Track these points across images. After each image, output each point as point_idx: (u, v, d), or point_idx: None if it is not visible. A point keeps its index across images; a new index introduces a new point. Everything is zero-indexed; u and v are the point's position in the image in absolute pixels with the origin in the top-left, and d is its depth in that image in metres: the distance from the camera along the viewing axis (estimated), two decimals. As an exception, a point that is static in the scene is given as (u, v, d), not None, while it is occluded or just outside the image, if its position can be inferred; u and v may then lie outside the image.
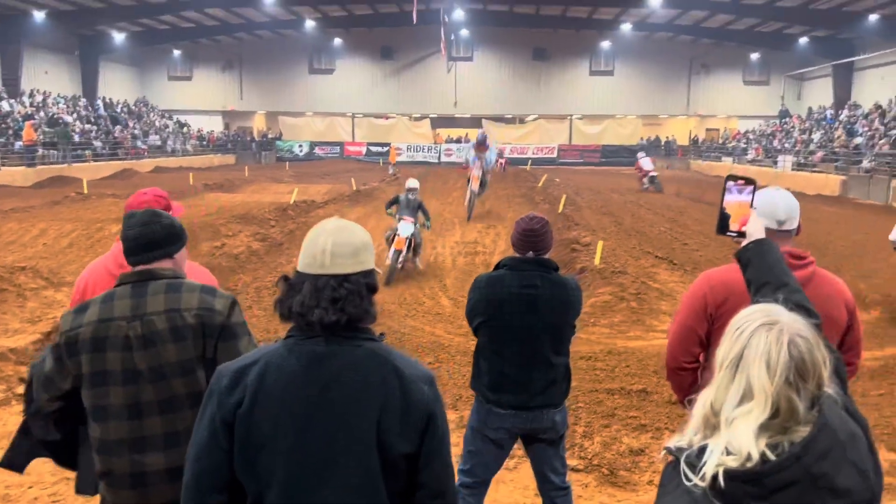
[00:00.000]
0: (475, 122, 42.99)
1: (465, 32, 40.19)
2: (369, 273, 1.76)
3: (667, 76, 42.24)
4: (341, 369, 1.68)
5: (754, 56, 40.62)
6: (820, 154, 29.13)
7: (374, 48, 42.29)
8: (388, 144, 39.79)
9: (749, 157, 34.86)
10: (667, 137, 43.69)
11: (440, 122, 44.28)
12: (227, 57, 43.04)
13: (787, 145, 33.13)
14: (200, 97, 43.55)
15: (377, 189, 22.48)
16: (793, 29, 34.76)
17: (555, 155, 42.01)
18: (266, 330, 7.46)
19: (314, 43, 41.69)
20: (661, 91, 42.56)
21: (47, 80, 33.71)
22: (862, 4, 28.19)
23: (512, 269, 3.26)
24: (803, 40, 35.50)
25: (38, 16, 29.32)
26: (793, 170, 29.11)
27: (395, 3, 33.32)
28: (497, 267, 3.34)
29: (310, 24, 36.98)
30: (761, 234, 2.06)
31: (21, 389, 4.77)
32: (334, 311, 1.67)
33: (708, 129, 44.33)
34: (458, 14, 35.30)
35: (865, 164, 25.04)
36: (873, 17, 28.64)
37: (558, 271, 3.31)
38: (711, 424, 1.38)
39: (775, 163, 31.38)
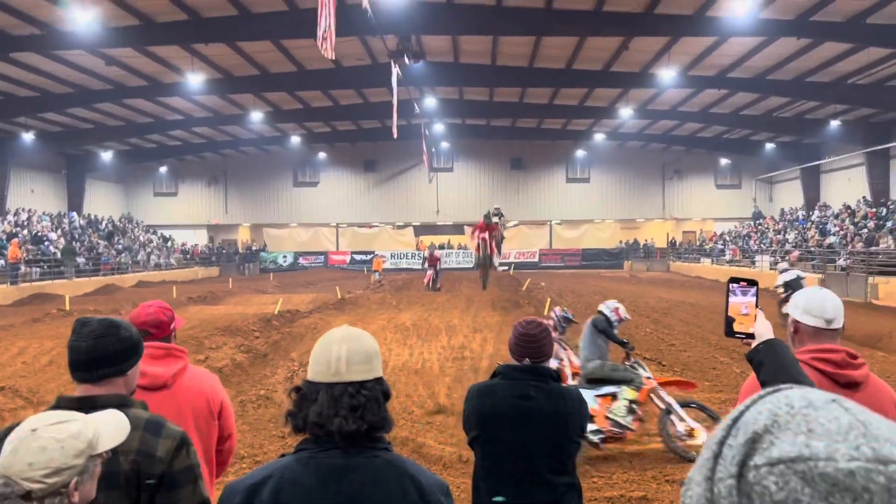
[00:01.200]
0: (457, 228, 43.79)
1: (445, 145, 41.73)
2: (381, 380, 1.74)
3: (641, 182, 43.67)
4: (362, 483, 1.63)
5: (725, 161, 42.24)
6: (796, 253, 29.73)
7: (358, 161, 43.57)
8: (372, 252, 40.36)
9: (727, 257, 35.51)
10: (645, 240, 44.59)
11: (423, 229, 45.06)
12: (212, 172, 44.00)
13: (762, 245, 33.89)
14: (185, 212, 44.15)
15: (362, 297, 22.46)
16: (759, 135, 36.38)
17: (536, 259, 42.67)
18: (251, 445, 7.23)
19: (299, 157, 42.90)
20: (636, 196, 43.85)
21: (33, 198, 34.11)
22: (822, 112, 29.71)
23: (505, 378, 3.02)
24: (770, 146, 37.13)
25: (27, 137, 29.99)
26: (770, 269, 29.60)
27: (378, 118, 34.61)
28: (493, 375, 3.12)
29: (294, 139, 38.19)
30: (770, 335, 2.07)
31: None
32: (354, 419, 1.63)
33: (685, 232, 45.38)
34: (439, 128, 36.74)
35: (841, 262, 25.59)
36: (834, 124, 30.10)
37: (558, 381, 3.06)
38: None
39: (753, 263, 31.96)
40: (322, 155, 43.36)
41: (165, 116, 31.82)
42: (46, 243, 29.02)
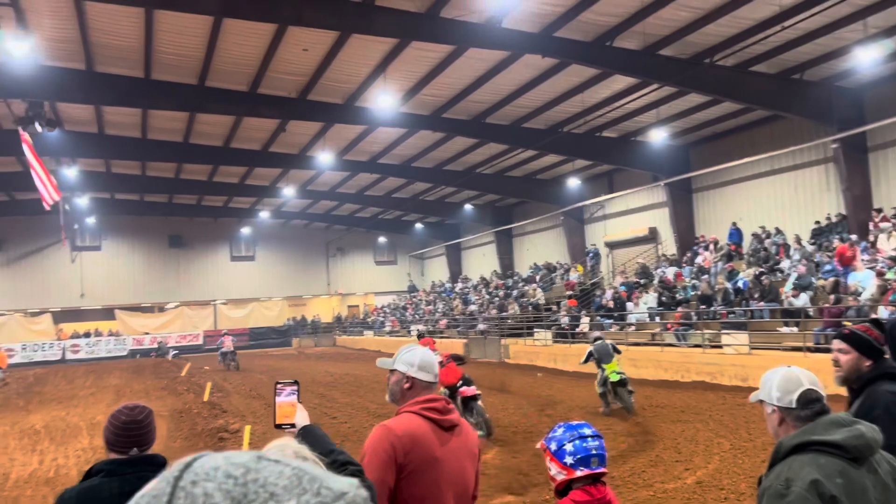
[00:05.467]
0: (107, 313, 39.63)
1: (91, 221, 37.74)
2: None
3: (306, 259, 44.62)
4: None
5: (382, 239, 45.42)
6: (444, 321, 32.95)
7: (-24, 240, 37.15)
8: (-5, 347, 34.21)
9: (387, 328, 37.77)
10: (312, 316, 45.33)
11: (64, 315, 39.70)
12: None
13: (417, 315, 36.86)
14: None
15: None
16: (410, 216, 40.01)
17: (200, 342, 40.44)
18: None
19: None
20: (302, 273, 44.58)
21: None
22: (459, 196, 33.89)
23: (112, 475, 2.64)
24: (419, 225, 41.07)
25: None
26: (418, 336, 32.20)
27: (4, 191, 30.18)
28: (87, 475, 2.70)
29: None
30: (307, 422, 2.55)
31: None
32: None
33: (349, 306, 47.24)
34: (83, 202, 33.24)
35: (480, 326, 28.97)
36: (468, 207, 34.57)
37: (165, 466, 2.76)
38: None
39: (409, 332, 34.48)
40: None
41: None
42: None
